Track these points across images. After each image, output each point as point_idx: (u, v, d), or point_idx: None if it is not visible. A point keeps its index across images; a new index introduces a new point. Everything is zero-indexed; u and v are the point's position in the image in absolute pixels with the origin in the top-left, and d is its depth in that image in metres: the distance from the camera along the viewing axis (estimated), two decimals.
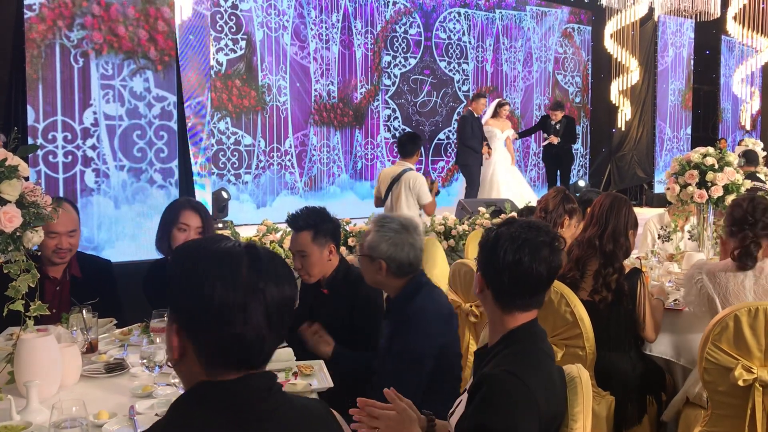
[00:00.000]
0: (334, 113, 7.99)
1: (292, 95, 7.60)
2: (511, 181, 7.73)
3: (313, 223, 2.74)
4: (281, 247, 4.95)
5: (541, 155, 9.33)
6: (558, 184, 8.85)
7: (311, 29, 7.75)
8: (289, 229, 5.38)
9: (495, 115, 7.92)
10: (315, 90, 7.80)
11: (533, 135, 9.65)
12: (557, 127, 8.86)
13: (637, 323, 3.20)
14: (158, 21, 4.83)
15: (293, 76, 7.60)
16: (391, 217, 2.45)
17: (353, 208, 7.24)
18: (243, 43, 7.18)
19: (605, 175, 10.69)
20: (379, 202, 5.73)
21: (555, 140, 8.88)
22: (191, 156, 5.56)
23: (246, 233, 5.45)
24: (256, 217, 6.21)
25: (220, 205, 5.97)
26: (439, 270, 4.67)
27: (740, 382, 2.58)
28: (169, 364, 1.13)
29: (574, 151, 9.19)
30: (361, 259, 2.48)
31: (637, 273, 3.22)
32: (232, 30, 7.09)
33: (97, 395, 2.02)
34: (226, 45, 7.06)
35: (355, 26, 8.16)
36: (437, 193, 5.67)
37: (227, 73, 7.08)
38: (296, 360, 2.38)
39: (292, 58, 7.59)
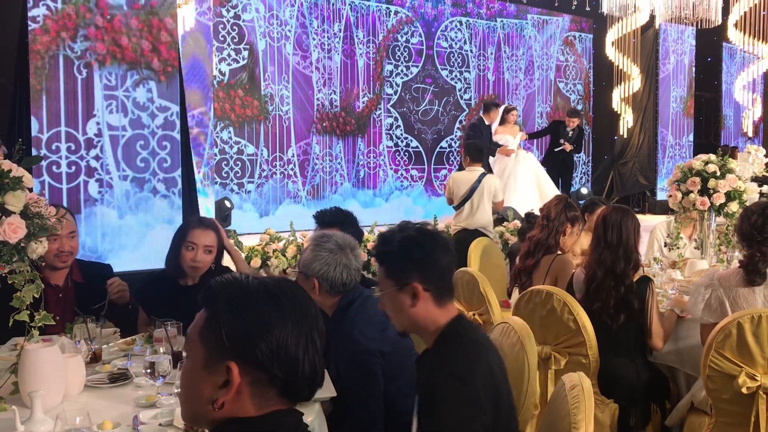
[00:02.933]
0: (336, 122, 8.02)
1: (295, 104, 7.62)
2: (531, 188, 7.72)
3: (340, 222, 2.79)
4: (284, 255, 4.96)
5: (542, 160, 9.27)
6: (560, 191, 8.84)
7: (313, 39, 7.79)
8: (292, 237, 5.42)
9: (503, 122, 7.89)
10: (317, 99, 7.83)
11: (537, 140, 9.63)
12: (570, 134, 8.86)
13: (645, 332, 3.20)
14: (161, 32, 4.86)
15: (296, 85, 7.63)
16: (329, 236, 2.45)
17: (356, 215, 7.25)
18: (245, 53, 7.22)
19: (607, 183, 10.69)
20: (451, 202, 6.08)
21: (569, 147, 8.87)
22: (194, 165, 5.58)
23: (249, 242, 5.46)
24: (259, 226, 6.23)
25: (223, 214, 5.99)
26: None
27: (744, 390, 2.58)
28: (215, 407, 1.11)
29: (575, 159, 9.21)
30: (297, 275, 2.49)
31: (646, 282, 3.20)
32: (235, 40, 7.13)
33: (101, 405, 2.02)
34: (229, 55, 7.09)
35: (357, 35, 8.19)
36: None
37: (230, 82, 7.11)
38: None
39: (294, 67, 7.62)
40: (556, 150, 8.76)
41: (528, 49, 10.04)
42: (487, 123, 7.58)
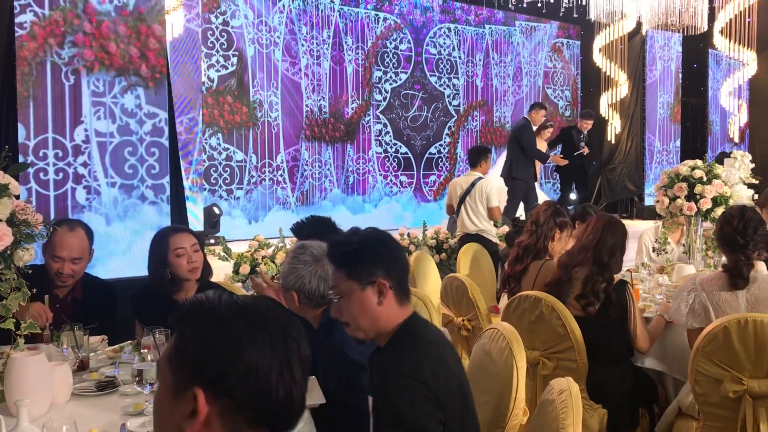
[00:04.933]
0: (325, 128, 8.02)
1: (284, 111, 7.62)
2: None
3: (319, 231, 2.77)
4: (273, 262, 4.95)
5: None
6: (574, 195, 8.86)
7: (302, 45, 7.79)
8: (281, 244, 5.41)
9: (537, 134, 7.73)
10: (306, 105, 7.83)
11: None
12: (584, 138, 8.88)
13: (629, 335, 3.22)
14: (149, 38, 4.85)
15: (284, 91, 7.63)
16: (306, 247, 2.42)
17: (345, 222, 7.20)
18: (234, 60, 7.21)
19: (596, 188, 10.74)
20: (451, 210, 6.20)
21: (587, 150, 8.88)
22: (183, 172, 5.56)
23: (238, 249, 5.45)
24: (248, 232, 6.21)
25: (212, 220, 5.97)
26: (431, 284, 4.69)
27: (731, 394, 2.59)
28: None
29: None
30: (279, 287, 2.49)
31: (623, 285, 3.24)
32: (224, 46, 7.12)
33: (88, 413, 2.01)
34: (218, 61, 7.08)
35: (345, 42, 8.21)
36: None
37: (219, 89, 7.10)
38: None
39: (283, 74, 7.62)
40: (575, 154, 8.71)
41: (516, 56, 10.09)
42: (533, 126, 7.55)
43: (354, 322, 1.88)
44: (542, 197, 7.54)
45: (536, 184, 7.74)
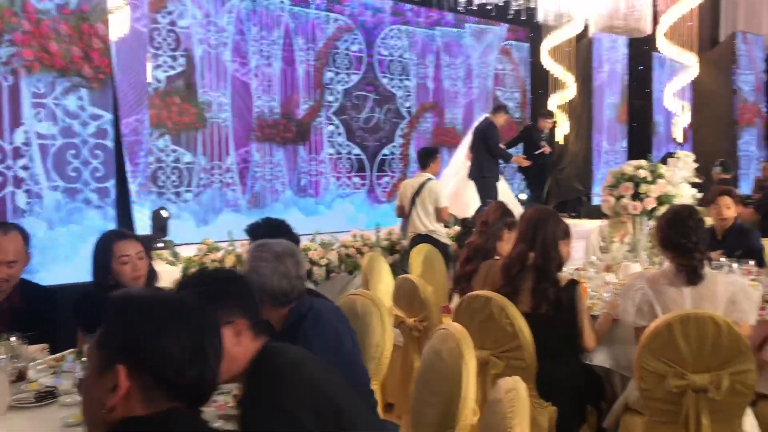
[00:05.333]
0: (276, 129, 7.94)
1: (234, 112, 7.52)
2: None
3: (273, 233, 2.73)
4: (222, 266, 4.88)
5: (518, 167, 9.35)
6: (524, 195, 8.98)
7: (252, 46, 7.70)
8: (230, 247, 5.34)
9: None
10: (257, 106, 7.74)
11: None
12: (545, 136, 9.03)
13: (577, 334, 3.27)
14: (93, 38, 4.72)
15: (234, 92, 7.53)
16: (265, 245, 2.40)
17: (298, 224, 7.11)
18: (182, 60, 7.08)
19: (545, 188, 10.89)
20: (402, 212, 6.20)
21: (548, 149, 9.04)
22: (129, 175, 5.44)
23: (187, 252, 5.36)
24: (198, 235, 6.10)
25: (160, 224, 5.85)
26: (383, 285, 4.69)
27: (674, 389, 2.66)
28: (106, 410, 1.19)
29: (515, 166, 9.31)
30: None
31: (574, 285, 3.28)
32: (171, 47, 6.99)
33: (25, 426, 1.95)
34: (165, 62, 6.95)
35: (296, 43, 8.14)
36: None
37: (166, 90, 6.97)
38: None
39: (233, 74, 7.52)
40: (536, 153, 8.88)
41: (467, 58, 10.17)
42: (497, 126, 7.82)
43: None
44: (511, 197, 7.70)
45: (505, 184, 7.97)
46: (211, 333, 1.27)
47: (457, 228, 6.27)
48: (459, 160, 8.12)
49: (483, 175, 7.53)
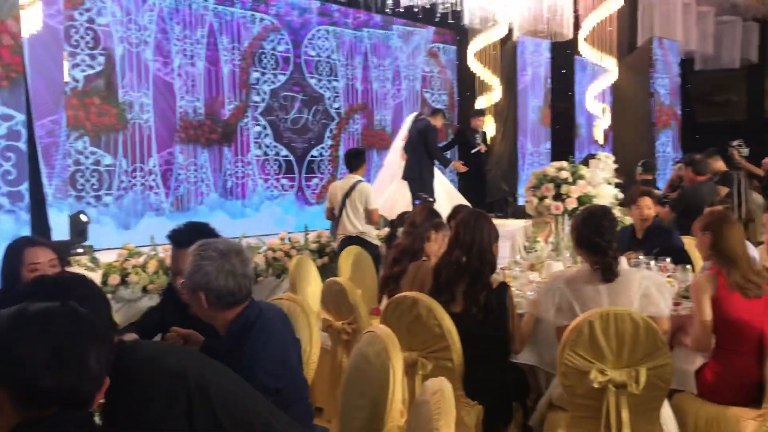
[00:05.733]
0: (201, 130, 7.76)
1: (156, 112, 7.30)
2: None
3: (198, 238, 2.63)
4: (144, 271, 4.74)
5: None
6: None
7: (175, 45, 7.51)
8: (153, 252, 5.19)
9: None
10: (180, 107, 7.54)
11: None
12: (479, 137, 9.13)
13: (506, 336, 3.32)
14: (2, 34, 4.50)
15: (156, 92, 7.32)
16: (208, 243, 2.31)
17: (224, 227, 6.96)
18: (102, 59, 6.83)
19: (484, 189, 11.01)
20: (331, 214, 6.16)
21: (484, 148, 9.14)
22: (44, 178, 5.21)
23: (107, 258, 5.18)
24: (119, 240, 5.89)
25: (79, 229, 5.62)
26: (312, 288, 4.64)
27: (595, 385, 2.73)
28: None
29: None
30: (185, 292, 2.34)
31: (504, 288, 3.33)
32: (89, 45, 6.74)
33: None
34: (83, 60, 6.69)
35: (221, 42, 7.99)
36: None
37: (85, 89, 6.70)
38: None
39: (155, 74, 7.30)
40: (473, 152, 8.98)
41: (395, 60, 10.21)
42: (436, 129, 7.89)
43: None
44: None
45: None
46: (75, 339, 1.32)
47: (387, 229, 6.28)
48: (395, 161, 8.13)
49: (421, 176, 7.56)
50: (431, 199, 6.82)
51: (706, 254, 3.30)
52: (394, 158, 8.17)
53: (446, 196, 7.73)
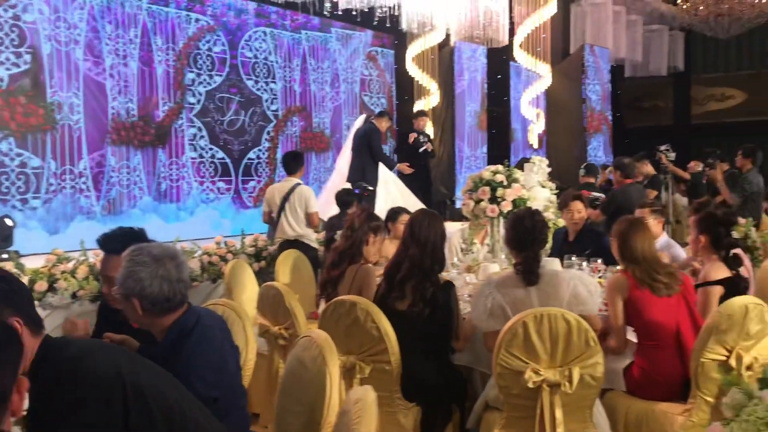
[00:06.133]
0: (134, 132, 7.56)
1: (87, 113, 7.08)
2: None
3: (127, 245, 2.55)
4: (74, 277, 4.58)
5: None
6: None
7: (107, 44, 7.30)
8: (83, 257, 5.02)
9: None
10: (112, 108, 7.33)
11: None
12: (422, 137, 9.16)
13: (451, 334, 3.35)
14: None
15: (87, 93, 7.09)
16: (142, 248, 2.25)
17: (158, 231, 6.82)
18: (28, 57, 6.58)
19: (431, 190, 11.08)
20: (269, 218, 6.06)
21: (430, 146, 9.17)
22: None
23: (34, 263, 4.98)
24: (48, 245, 5.68)
25: (4, 234, 5.40)
26: (248, 293, 4.58)
27: (530, 384, 2.77)
28: None
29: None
30: (119, 298, 2.27)
31: (450, 286, 3.37)
32: (15, 42, 6.48)
33: None
34: (8, 59, 6.43)
35: (155, 42, 7.81)
36: None
37: (10, 89, 6.44)
38: None
39: (85, 73, 7.08)
40: (420, 151, 9.00)
41: (333, 62, 10.20)
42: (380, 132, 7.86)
43: None
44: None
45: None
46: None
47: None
48: (345, 165, 8.08)
49: (365, 178, 7.55)
50: (370, 188, 6.83)
51: (616, 257, 3.44)
52: (345, 162, 8.12)
53: (401, 197, 7.74)
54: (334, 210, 6.11)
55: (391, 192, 7.88)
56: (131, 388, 1.65)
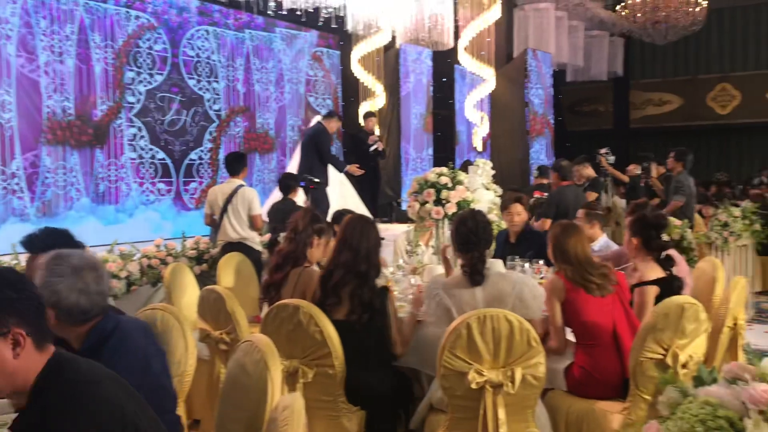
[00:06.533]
0: (70, 131, 7.32)
1: (20, 112, 6.82)
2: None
3: (52, 245, 2.45)
4: None
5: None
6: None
7: (41, 40, 7.05)
8: (14, 261, 4.83)
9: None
10: (47, 106, 7.08)
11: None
12: (370, 137, 9.13)
13: (388, 339, 3.33)
14: None
15: (20, 90, 6.83)
16: (62, 258, 2.18)
17: (96, 234, 6.68)
18: None
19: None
20: (210, 220, 5.93)
21: (382, 145, 9.12)
22: None
23: None
24: None
25: None
26: (188, 297, 4.47)
27: (473, 385, 2.78)
28: None
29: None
30: None
31: (385, 291, 3.35)
32: None
33: None
34: None
35: (93, 39, 7.58)
36: None
37: None
38: None
39: (18, 70, 6.82)
40: (371, 151, 8.95)
41: (278, 62, 10.09)
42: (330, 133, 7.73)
43: None
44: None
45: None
46: None
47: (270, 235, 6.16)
48: (295, 167, 7.99)
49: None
50: (316, 180, 6.76)
51: (551, 259, 3.52)
52: (295, 165, 8.02)
53: (343, 200, 7.69)
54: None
55: (344, 193, 7.85)
56: (131, 427, 1.62)
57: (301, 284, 3.72)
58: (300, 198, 6.53)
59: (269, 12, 8.16)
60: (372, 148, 9.09)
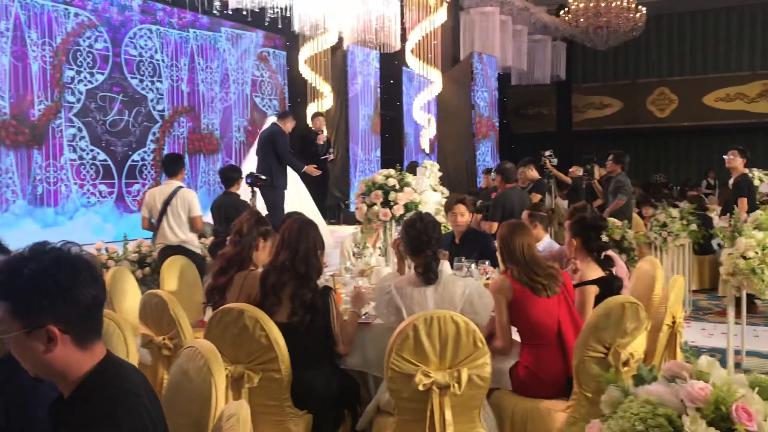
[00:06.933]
0: (6, 131, 7.06)
1: None
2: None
3: None
4: None
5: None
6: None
7: None
8: None
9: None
10: None
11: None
12: (318, 136, 9.07)
13: (332, 339, 3.32)
14: None
15: None
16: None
17: (33, 237, 6.42)
18: None
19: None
20: (148, 223, 5.77)
21: (332, 156, 9.06)
22: None
23: None
24: None
25: None
26: (129, 303, 4.37)
27: (420, 387, 2.78)
28: None
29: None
30: None
31: (327, 291, 3.34)
32: None
33: None
34: None
35: (29, 36, 7.34)
36: None
37: None
38: None
39: None
40: (321, 159, 8.90)
41: (223, 62, 9.95)
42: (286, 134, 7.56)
43: (21, 362, 1.61)
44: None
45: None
46: None
47: (212, 238, 6.06)
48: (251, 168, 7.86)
49: (273, 184, 7.24)
50: (263, 177, 6.65)
51: (499, 258, 3.57)
52: (251, 166, 7.89)
53: (299, 202, 7.61)
54: None
55: (301, 196, 7.77)
56: None
57: (247, 288, 3.66)
58: (246, 194, 6.41)
59: (214, 11, 8.04)
60: (323, 157, 9.10)
